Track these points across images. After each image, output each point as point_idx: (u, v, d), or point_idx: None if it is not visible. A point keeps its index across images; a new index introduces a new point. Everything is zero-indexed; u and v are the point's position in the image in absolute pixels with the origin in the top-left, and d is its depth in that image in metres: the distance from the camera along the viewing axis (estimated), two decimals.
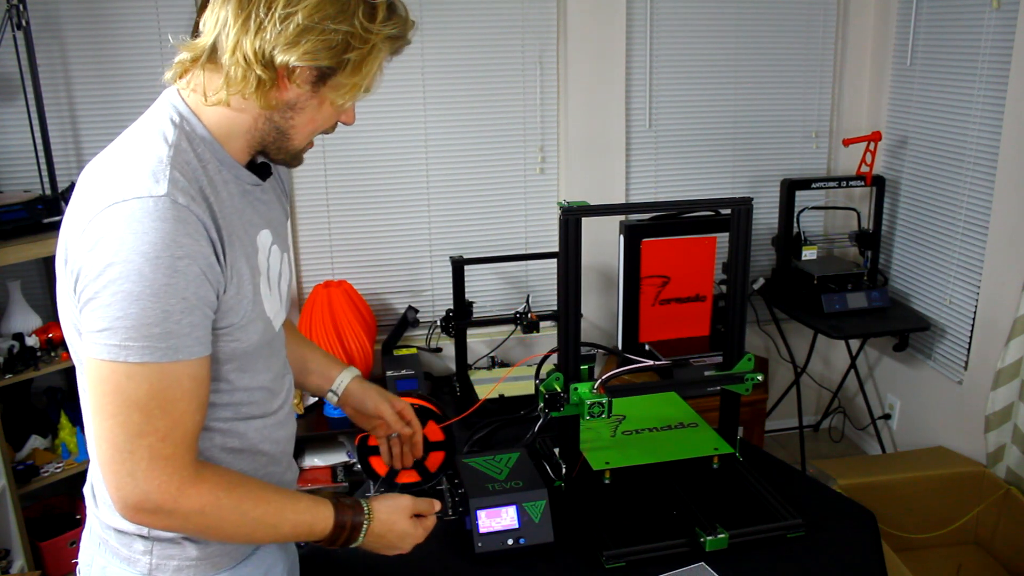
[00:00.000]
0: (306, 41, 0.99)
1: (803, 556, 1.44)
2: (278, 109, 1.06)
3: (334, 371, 1.45)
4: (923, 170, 3.11)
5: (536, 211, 3.27)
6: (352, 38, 1.02)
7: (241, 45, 1.00)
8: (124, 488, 1.00)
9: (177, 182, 0.99)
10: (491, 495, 1.46)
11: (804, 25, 3.30)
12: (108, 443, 0.99)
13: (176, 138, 1.05)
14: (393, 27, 1.05)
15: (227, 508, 1.05)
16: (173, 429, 1.00)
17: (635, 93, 3.22)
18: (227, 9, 1.01)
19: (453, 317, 2.83)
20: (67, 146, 2.83)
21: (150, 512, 1.01)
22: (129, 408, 0.98)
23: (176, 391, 1.00)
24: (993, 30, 2.73)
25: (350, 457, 2.89)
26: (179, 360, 0.99)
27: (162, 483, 1.00)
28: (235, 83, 1.01)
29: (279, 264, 1.21)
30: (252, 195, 1.15)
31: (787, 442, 3.58)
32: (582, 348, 1.56)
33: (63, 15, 2.74)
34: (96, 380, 0.99)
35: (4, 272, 2.67)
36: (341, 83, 1.05)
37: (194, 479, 1.03)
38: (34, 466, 2.58)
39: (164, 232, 0.96)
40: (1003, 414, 2.64)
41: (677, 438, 1.72)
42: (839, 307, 3.00)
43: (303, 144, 1.14)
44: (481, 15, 3.04)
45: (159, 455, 1.00)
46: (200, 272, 0.99)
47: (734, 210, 1.57)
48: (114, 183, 0.99)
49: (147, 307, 0.95)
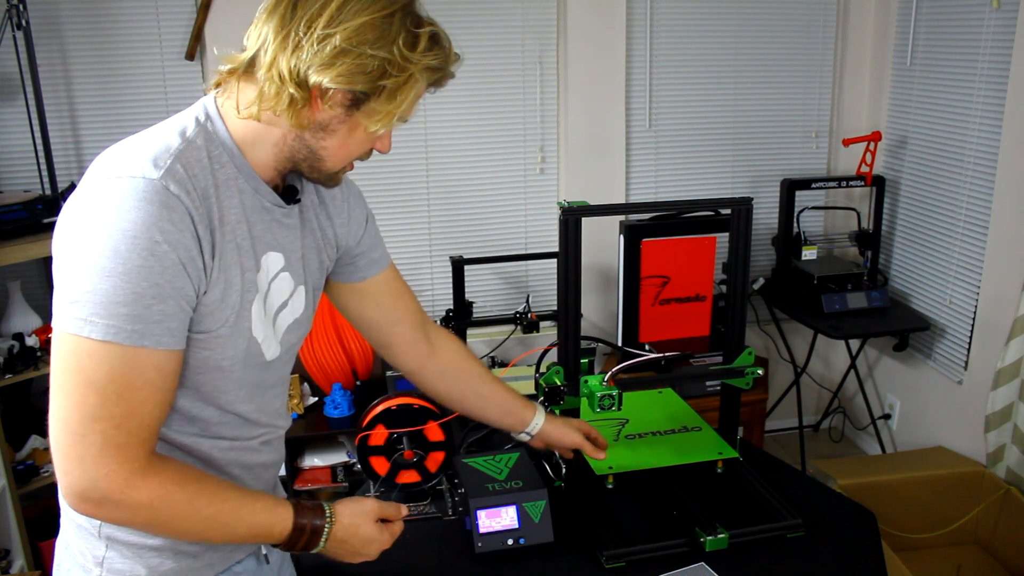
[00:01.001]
0: (341, 64, 0.99)
1: (803, 556, 1.44)
2: (310, 128, 1.05)
3: (528, 414, 1.52)
4: (923, 170, 3.11)
5: (536, 211, 3.27)
6: (389, 65, 1.01)
7: (277, 62, 0.99)
8: (72, 473, 0.96)
9: (175, 173, 0.98)
10: (491, 495, 1.46)
11: (804, 25, 3.30)
12: (62, 423, 0.96)
13: (194, 135, 1.04)
14: (433, 58, 1.05)
15: (179, 503, 1.00)
16: (129, 417, 0.96)
17: (635, 93, 3.22)
18: (269, 25, 1.01)
19: (453, 317, 2.83)
20: (67, 146, 2.83)
21: (96, 502, 0.97)
22: (87, 388, 0.95)
23: (137, 378, 0.96)
24: (993, 30, 2.73)
25: (350, 457, 2.89)
26: (144, 346, 0.96)
27: (111, 471, 0.96)
28: (268, 99, 1.01)
29: (286, 294, 1.17)
30: (270, 215, 1.12)
31: (787, 442, 3.58)
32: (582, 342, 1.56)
33: (63, 15, 2.74)
34: (59, 354, 0.96)
35: (4, 272, 2.67)
36: (375, 109, 1.04)
37: (145, 471, 0.98)
38: (34, 466, 2.58)
39: (148, 213, 0.94)
40: (1003, 414, 2.64)
41: (681, 442, 1.70)
42: (839, 307, 3.00)
43: (337, 167, 1.12)
44: (481, 15, 3.04)
45: (111, 442, 0.95)
46: (178, 262, 0.97)
47: (734, 210, 1.57)
48: (116, 161, 0.99)
49: (117, 285, 0.93)
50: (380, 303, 1.37)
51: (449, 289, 2.92)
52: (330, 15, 0.98)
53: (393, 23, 1.01)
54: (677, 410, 1.85)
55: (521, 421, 1.50)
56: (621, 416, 1.78)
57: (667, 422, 1.79)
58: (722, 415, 1.72)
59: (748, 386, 1.67)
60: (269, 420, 1.21)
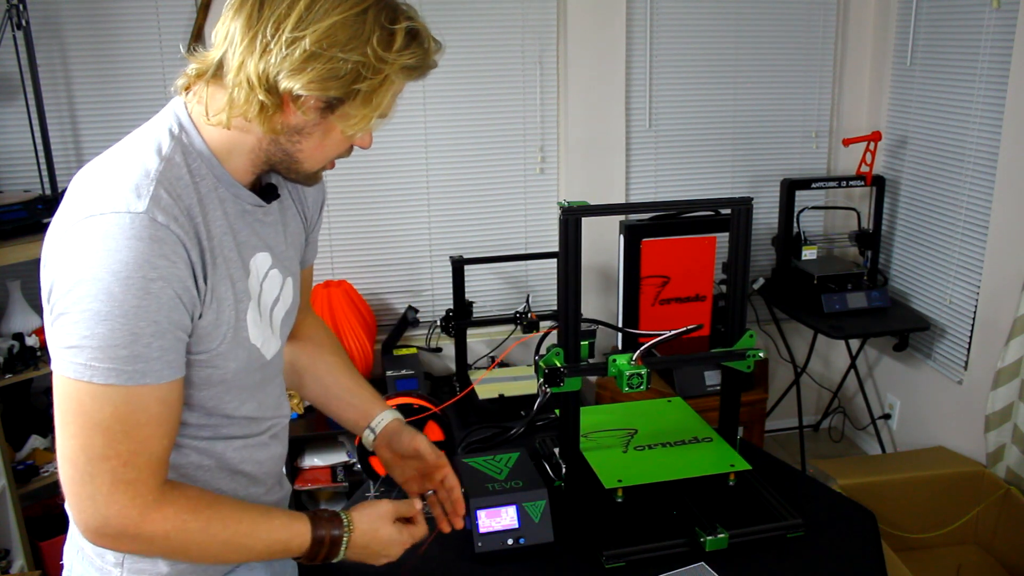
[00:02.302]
0: (312, 69, 0.94)
1: (803, 556, 1.44)
2: (283, 133, 1.01)
3: (374, 408, 1.37)
4: (923, 170, 3.11)
5: (536, 211, 3.27)
6: (363, 68, 0.95)
7: (245, 66, 0.95)
8: (85, 511, 0.96)
9: (160, 200, 0.95)
10: (491, 495, 1.46)
11: (804, 25, 3.30)
12: (70, 463, 0.96)
13: (170, 151, 1.00)
14: (411, 56, 0.99)
15: (194, 531, 1.01)
16: (137, 453, 0.96)
17: (635, 93, 3.22)
18: (236, 25, 0.96)
19: (453, 317, 2.83)
20: (67, 146, 2.83)
21: (112, 537, 0.98)
22: (92, 430, 0.94)
23: (142, 415, 0.96)
24: (993, 30, 2.73)
25: (350, 457, 2.89)
26: (146, 384, 0.95)
27: (123, 508, 0.96)
28: (237, 105, 0.97)
29: (277, 289, 1.16)
30: (252, 216, 1.10)
31: (787, 442, 3.58)
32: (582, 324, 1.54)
33: (63, 15, 2.74)
34: (61, 397, 0.95)
35: (4, 272, 2.67)
36: (350, 113, 1.00)
37: (158, 503, 0.98)
38: (34, 466, 2.58)
39: (138, 251, 0.92)
40: (1003, 414, 2.64)
41: (691, 453, 1.64)
42: (839, 307, 3.00)
43: (315, 168, 1.08)
44: (481, 15, 3.04)
45: (121, 479, 0.96)
46: (174, 295, 0.95)
47: (734, 210, 1.57)
48: (97, 194, 0.96)
49: (115, 328, 0.92)
50: None
51: (449, 289, 2.92)
52: (299, 15, 0.93)
53: (366, 21, 0.95)
54: (687, 420, 1.78)
55: (365, 416, 1.36)
56: (629, 426, 1.74)
57: (677, 432, 1.72)
58: (722, 415, 1.72)
59: (750, 369, 1.63)
60: (273, 413, 1.22)
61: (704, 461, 1.61)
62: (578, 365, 1.53)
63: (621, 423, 1.74)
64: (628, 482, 1.52)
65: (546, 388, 1.53)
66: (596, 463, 1.58)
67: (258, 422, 1.18)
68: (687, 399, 1.91)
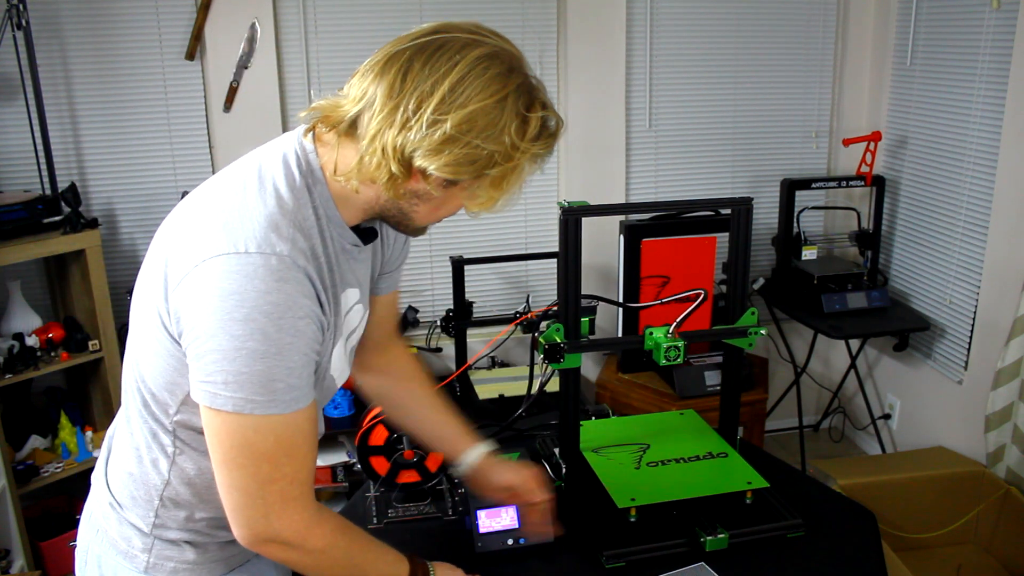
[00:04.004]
0: (449, 152, 0.95)
1: (803, 556, 1.44)
2: (404, 197, 1.04)
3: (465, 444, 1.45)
4: (923, 170, 3.11)
5: (536, 211, 3.27)
6: (498, 155, 0.97)
7: (382, 135, 0.96)
8: (256, 527, 1.04)
9: (297, 242, 1.00)
10: None
11: (804, 25, 3.30)
12: (238, 491, 1.02)
13: (301, 187, 1.03)
14: (543, 147, 1.01)
15: (341, 549, 1.10)
16: (299, 471, 1.04)
17: (635, 93, 3.22)
18: (377, 89, 0.96)
19: (453, 317, 2.84)
20: (67, 146, 2.83)
21: (278, 544, 1.05)
22: (259, 459, 1.00)
23: (298, 437, 1.03)
24: (993, 30, 2.73)
25: (350, 457, 2.89)
26: (300, 409, 1.02)
27: (294, 522, 1.04)
28: (367, 170, 0.99)
29: (357, 322, 1.21)
30: (350, 254, 1.13)
31: (787, 442, 3.58)
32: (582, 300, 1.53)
33: (63, 15, 2.74)
34: (220, 432, 1.00)
35: (4, 272, 2.67)
36: (476, 193, 1.03)
37: (319, 519, 1.07)
38: (34, 466, 2.58)
39: (287, 294, 0.97)
40: (1003, 414, 2.64)
41: (706, 470, 1.58)
42: (839, 307, 3.00)
43: (425, 224, 1.12)
44: (481, 15, 3.04)
45: (289, 497, 1.03)
46: (318, 330, 1.02)
47: (734, 210, 1.57)
48: (236, 227, 0.98)
49: (272, 365, 0.97)
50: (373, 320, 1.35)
51: (449, 289, 2.92)
52: (442, 96, 0.94)
53: (505, 108, 0.96)
54: (700, 434, 1.72)
55: (456, 452, 1.44)
56: (641, 441, 1.69)
57: (691, 448, 1.65)
58: (722, 415, 1.72)
59: (751, 347, 1.60)
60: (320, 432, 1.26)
61: (720, 478, 1.55)
62: (578, 341, 1.52)
63: (633, 437, 1.70)
64: (641, 501, 1.47)
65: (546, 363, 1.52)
66: (608, 480, 1.53)
67: None
68: (687, 399, 1.90)
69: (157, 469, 1.14)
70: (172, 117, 2.89)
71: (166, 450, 1.13)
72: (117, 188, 2.90)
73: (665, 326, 1.53)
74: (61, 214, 2.57)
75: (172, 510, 1.15)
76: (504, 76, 0.97)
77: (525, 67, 1.01)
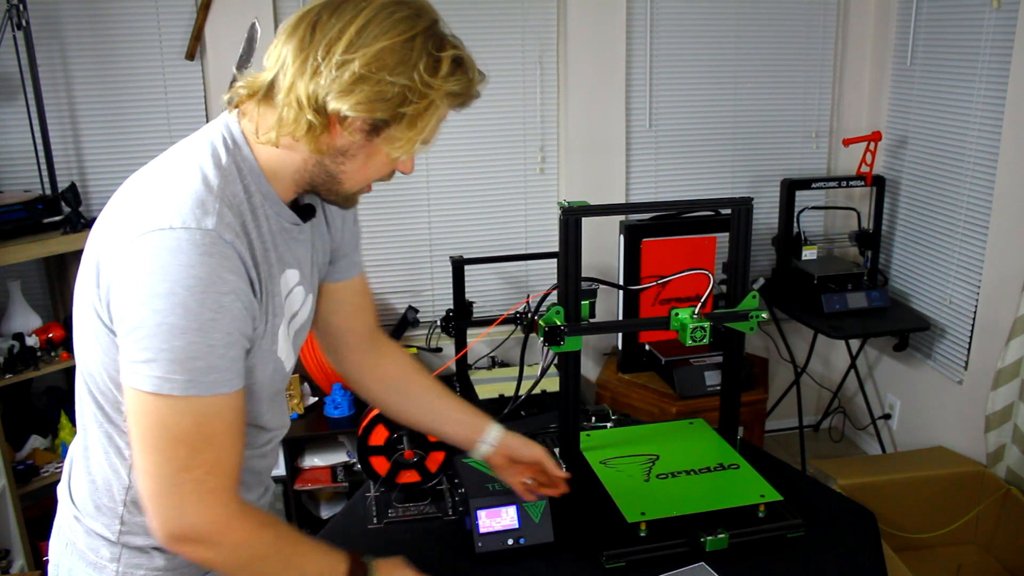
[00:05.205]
0: (360, 91, 0.96)
1: (803, 556, 1.44)
2: (328, 154, 1.04)
3: (484, 422, 1.42)
4: (923, 170, 3.11)
5: (536, 211, 3.27)
6: (410, 92, 0.98)
7: (295, 87, 0.97)
8: (171, 520, 1.00)
9: (224, 217, 0.99)
10: (491, 495, 1.46)
11: (804, 25, 3.30)
12: (153, 477, 0.99)
13: (228, 165, 1.03)
14: (456, 83, 1.01)
15: (264, 544, 1.05)
16: (218, 461, 1.01)
17: (635, 93, 3.22)
18: (288, 47, 0.98)
19: (453, 317, 2.84)
20: (67, 146, 2.83)
21: (194, 542, 1.01)
22: (175, 443, 0.97)
23: (219, 424, 1.00)
24: (993, 30, 2.73)
25: (350, 457, 2.89)
26: (221, 393, 0.99)
27: (210, 516, 1.00)
28: (286, 124, 0.99)
29: (298, 305, 1.19)
30: (289, 233, 1.12)
31: (787, 442, 3.58)
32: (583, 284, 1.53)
33: (63, 15, 2.74)
34: (138, 413, 0.98)
35: (4, 272, 2.67)
36: (395, 136, 1.02)
37: (240, 514, 1.03)
38: (34, 466, 2.58)
39: (211, 267, 0.95)
40: (1003, 414, 2.64)
41: (718, 483, 1.54)
42: (839, 307, 3.00)
43: (356, 188, 1.11)
44: (481, 15, 3.04)
45: (206, 488, 1.00)
46: (243, 307, 1.00)
47: (734, 210, 1.57)
48: (161, 206, 0.98)
49: (192, 341, 0.95)
50: (341, 308, 1.35)
51: (449, 289, 2.92)
52: (349, 39, 0.96)
53: (414, 47, 0.98)
54: (711, 445, 1.68)
55: (476, 430, 1.41)
56: (650, 452, 1.66)
57: (701, 459, 1.62)
58: (722, 415, 1.72)
59: (752, 331, 1.59)
60: (278, 424, 1.24)
61: (732, 491, 1.52)
62: (579, 324, 1.51)
63: (642, 448, 1.67)
64: (652, 515, 1.44)
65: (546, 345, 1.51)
66: (617, 494, 1.50)
67: (264, 433, 1.20)
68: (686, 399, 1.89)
69: (116, 473, 1.12)
70: (172, 117, 2.89)
71: (123, 452, 1.10)
72: (117, 188, 2.89)
73: (690, 307, 1.52)
74: (61, 214, 2.57)
75: (137, 515, 1.11)
76: (412, 19, 0.99)
77: (434, 15, 1.02)
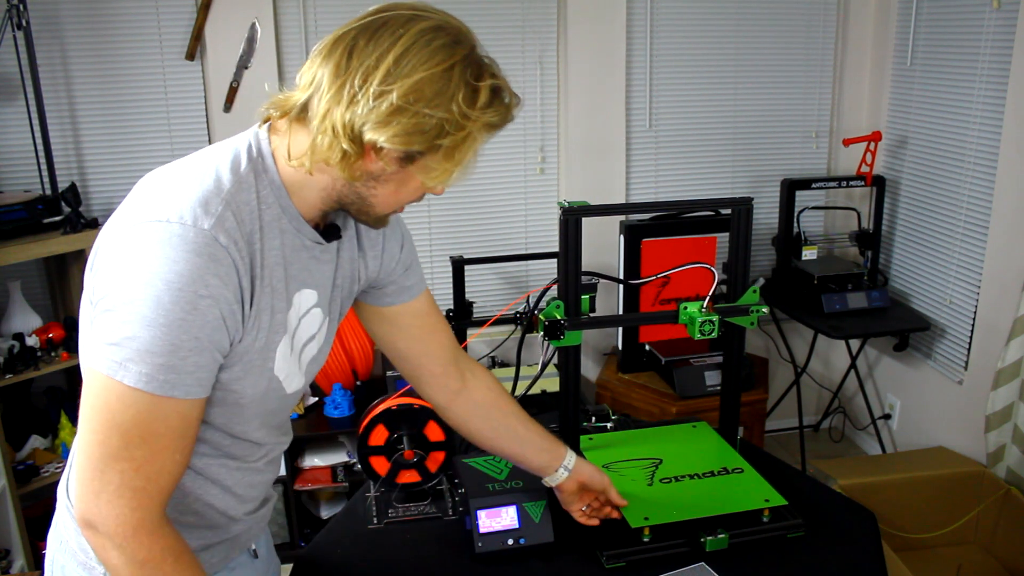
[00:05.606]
0: (397, 123, 0.94)
1: (803, 556, 1.44)
2: (361, 179, 1.02)
3: (562, 449, 1.43)
4: (923, 170, 3.11)
5: (536, 211, 3.27)
6: (447, 123, 0.96)
7: (331, 114, 0.95)
8: (87, 503, 0.97)
9: (225, 221, 0.97)
10: (491, 495, 1.46)
11: (804, 25, 3.30)
12: (84, 456, 0.96)
13: (245, 173, 1.02)
14: (494, 114, 1.00)
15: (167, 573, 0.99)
16: (149, 462, 0.97)
17: (635, 93, 3.22)
18: (324, 71, 0.97)
19: (453, 317, 2.83)
20: (67, 146, 2.83)
21: (99, 534, 0.97)
22: (111, 428, 0.95)
23: (161, 426, 0.96)
24: (993, 30, 2.73)
25: (350, 457, 2.89)
26: (173, 396, 0.96)
27: (121, 515, 0.96)
28: (320, 151, 0.98)
29: (314, 328, 1.16)
30: (309, 252, 1.10)
31: (787, 442, 3.58)
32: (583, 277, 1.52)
33: (63, 15, 2.74)
34: (89, 390, 0.97)
35: (4, 272, 2.67)
36: (430, 166, 1.01)
37: (153, 530, 0.97)
38: (34, 466, 2.58)
39: (195, 266, 0.93)
40: (1003, 414, 2.64)
41: (722, 487, 1.53)
42: (839, 307, 3.00)
43: (386, 212, 1.09)
44: (481, 15, 3.04)
45: (128, 484, 0.96)
46: (219, 316, 0.97)
47: (734, 210, 1.57)
48: (164, 198, 0.97)
49: (157, 335, 0.93)
50: (408, 333, 1.32)
51: (449, 289, 2.92)
52: (387, 69, 0.94)
53: (452, 77, 0.96)
54: (715, 448, 1.67)
55: (557, 457, 1.41)
56: (654, 455, 1.65)
57: (705, 463, 1.61)
58: (722, 415, 1.72)
59: (753, 325, 1.59)
60: (276, 439, 1.22)
61: (736, 496, 1.51)
62: (579, 319, 1.51)
63: (645, 452, 1.66)
64: (655, 520, 1.43)
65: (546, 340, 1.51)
66: None
67: (260, 447, 1.18)
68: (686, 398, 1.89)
69: None
70: (172, 117, 2.89)
71: None
72: (117, 188, 2.90)
73: (699, 300, 1.52)
74: (61, 214, 2.57)
75: None
76: (450, 47, 0.97)
77: (472, 40, 1.00)
